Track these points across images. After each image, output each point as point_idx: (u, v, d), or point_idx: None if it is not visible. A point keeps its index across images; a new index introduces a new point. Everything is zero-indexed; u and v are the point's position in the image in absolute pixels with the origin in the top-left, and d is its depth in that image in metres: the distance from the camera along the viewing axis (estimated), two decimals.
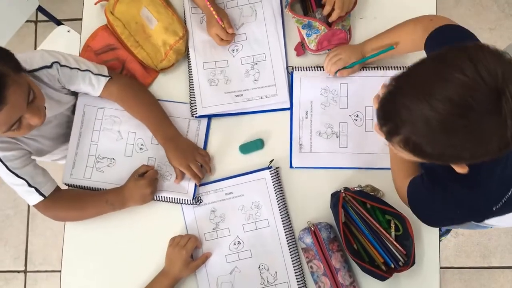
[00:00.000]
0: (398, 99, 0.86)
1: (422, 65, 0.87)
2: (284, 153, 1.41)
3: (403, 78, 0.88)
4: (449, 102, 0.78)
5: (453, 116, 0.78)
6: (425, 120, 0.80)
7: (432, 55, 0.88)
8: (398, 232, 1.30)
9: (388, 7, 1.41)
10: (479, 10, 2.33)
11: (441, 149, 0.84)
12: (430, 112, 0.79)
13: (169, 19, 1.42)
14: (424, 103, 0.80)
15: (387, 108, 0.89)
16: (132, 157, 1.43)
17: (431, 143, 0.84)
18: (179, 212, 1.41)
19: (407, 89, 0.85)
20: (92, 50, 1.46)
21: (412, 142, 0.85)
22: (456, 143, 0.81)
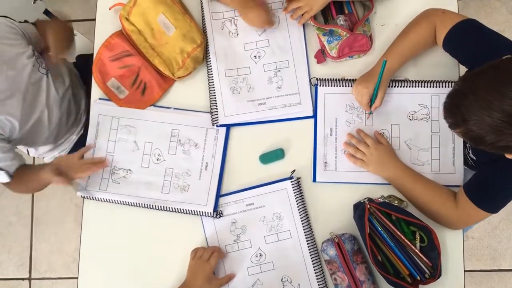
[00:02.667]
0: (461, 101, 0.98)
1: (485, 75, 0.97)
2: (306, 163, 1.38)
3: (468, 83, 0.99)
4: (503, 113, 0.92)
5: (505, 123, 0.92)
6: (482, 123, 0.95)
7: (493, 65, 0.98)
8: (423, 243, 1.28)
9: (409, 12, 1.37)
10: (487, 11, 2.31)
11: (495, 142, 0.97)
12: (487, 118, 0.93)
13: (187, 26, 1.37)
14: (483, 110, 0.94)
15: (451, 106, 1.02)
16: (149, 168, 1.40)
17: (486, 138, 0.97)
18: (199, 223, 1.38)
19: (470, 95, 0.96)
20: (106, 56, 1.42)
21: (470, 135, 1.00)
22: (509, 141, 0.95)
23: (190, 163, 1.39)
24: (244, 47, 1.43)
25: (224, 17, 1.45)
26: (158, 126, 1.41)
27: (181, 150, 1.40)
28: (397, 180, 1.32)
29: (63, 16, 1.54)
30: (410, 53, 1.34)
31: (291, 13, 1.40)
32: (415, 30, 1.32)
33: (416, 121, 1.37)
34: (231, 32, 1.44)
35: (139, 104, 1.42)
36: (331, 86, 1.39)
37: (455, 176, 1.35)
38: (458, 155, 1.35)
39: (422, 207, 1.31)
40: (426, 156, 1.36)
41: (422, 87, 1.37)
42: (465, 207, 1.23)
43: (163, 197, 1.38)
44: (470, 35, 1.24)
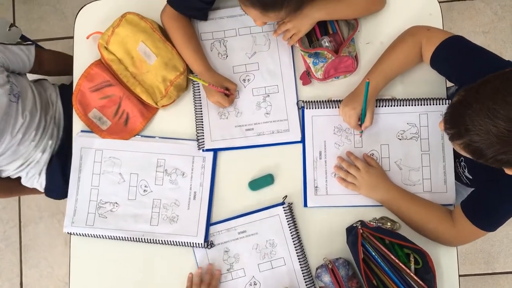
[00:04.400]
0: (465, 110, 0.95)
1: (489, 84, 0.95)
2: (296, 188, 1.36)
3: (472, 92, 0.96)
4: (510, 122, 0.90)
5: (511, 133, 0.90)
6: (487, 132, 0.92)
7: (497, 75, 0.96)
8: (418, 265, 1.26)
9: (393, 30, 1.35)
10: (472, 13, 2.30)
11: (497, 155, 0.94)
12: (492, 128, 0.91)
13: (169, 53, 1.34)
14: (488, 119, 0.91)
15: (454, 116, 0.99)
16: (136, 200, 1.36)
17: (488, 150, 0.94)
18: (191, 254, 1.35)
19: (474, 104, 0.94)
20: (86, 87, 1.38)
21: (472, 147, 0.97)
22: (509, 153, 0.93)
23: (178, 193, 1.36)
24: (233, 69, 1.40)
25: (213, 37, 1.41)
26: (143, 157, 1.37)
27: (168, 180, 1.37)
28: (390, 202, 1.30)
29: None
30: (395, 72, 1.32)
31: (281, 36, 1.37)
32: (400, 49, 1.30)
33: (405, 140, 1.35)
34: (220, 54, 1.41)
35: (122, 134, 1.38)
36: (317, 108, 1.36)
37: (447, 195, 1.33)
38: (449, 174, 1.33)
39: (418, 227, 1.29)
40: (417, 175, 1.34)
41: (410, 105, 1.35)
42: (462, 225, 1.22)
43: (152, 229, 1.35)
44: (458, 52, 1.23)
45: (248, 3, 1.13)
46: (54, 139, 1.56)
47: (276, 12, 1.13)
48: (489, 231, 1.20)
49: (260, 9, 1.13)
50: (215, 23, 1.40)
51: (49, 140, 1.54)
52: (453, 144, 1.03)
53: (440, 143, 1.34)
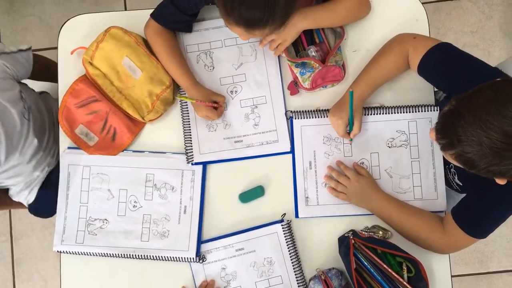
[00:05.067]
0: (457, 121, 0.94)
1: (481, 94, 0.94)
2: (287, 199, 1.35)
3: (464, 102, 0.95)
4: (503, 134, 0.89)
5: (505, 144, 0.89)
6: (479, 144, 0.91)
7: (489, 85, 0.95)
8: (411, 273, 1.26)
9: (380, 37, 1.34)
10: (459, 13, 2.30)
11: (489, 166, 0.93)
12: (485, 139, 0.90)
13: (154, 68, 1.32)
14: (481, 130, 0.90)
15: (446, 126, 0.98)
16: (126, 216, 1.35)
17: (481, 161, 0.93)
18: (188, 271, 1.34)
19: (467, 114, 0.93)
20: (72, 103, 1.36)
21: (464, 158, 0.96)
22: (504, 164, 0.92)
23: (168, 208, 1.35)
24: (220, 81, 1.39)
25: (199, 49, 1.40)
26: (132, 172, 1.36)
27: (157, 195, 1.36)
28: (381, 211, 1.30)
29: None
30: (381, 80, 1.31)
31: (267, 46, 1.36)
32: (387, 57, 1.30)
33: (395, 148, 1.35)
34: (207, 66, 1.39)
35: (110, 150, 1.37)
36: (306, 118, 1.36)
37: (437, 202, 1.33)
38: (440, 181, 1.33)
39: (410, 235, 1.29)
40: (408, 183, 1.34)
41: (398, 113, 1.34)
42: (453, 233, 1.22)
43: (143, 245, 1.34)
44: (445, 60, 1.22)
45: (232, 21, 1.12)
46: (54, 157, 1.55)
47: (260, 30, 1.12)
48: (479, 238, 1.20)
49: (244, 28, 1.12)
50: (200, 35, 1.39)
51: (51, 158, 1.53)
52: (444, 154, 1.02)
53: (430, 150, 1.33)
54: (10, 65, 1.33)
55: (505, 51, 2.27)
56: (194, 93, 1.33)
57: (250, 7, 1.06)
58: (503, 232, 2.19)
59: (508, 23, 2.28)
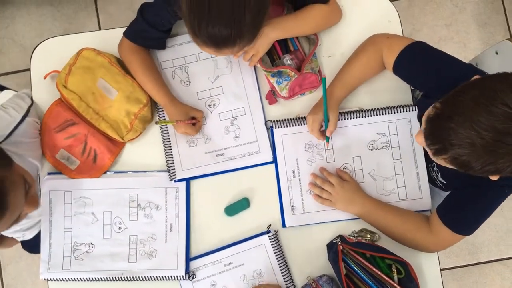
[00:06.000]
0: (446, 124, 0.93)
1: (466, 94, 0.93)
2: (272, 209, 1.35)
3: (450, 104, 0.94)
4: (495, 132, 0.87)
5: (498, 142, 0.88)
6: (473, 145, 0.90)
7: (472, 84, 0.94)
8: (401, 275, 1.26)
9: (353, 40, 1.35)
10: (433, 7, 2.31)
11: (485, 166, 0.92)
12: (478, 140, 0.89)
13: (130, 87, 1.31)
14: (471, 130, 0.89)
15: (435, 130, 0.96)
16: (112, 238, 1.34)
17: (476, 162, 0.92)
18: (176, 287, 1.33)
19: (454, 115, 0.92)
20: (50, 128, 1.34)
21: (459, 161, 0.94)
22: (500, 162, 0.91)
23: (154, 227, 1.34)
24: (197, 95, 1.38)
25: (174, 65, 1.38)
26: (115, 193, 1.35)
27: (142, 215, 1.34)
28: (367, 215, 1.30)
29: None
30: (357, 81, 1.32)
31: (241, 58, 1.35)
32: (361, 58, 1.31)
33: (376, 150, 1.35)
34: (183, 81, 1.38)
35: (92, 172, 1.35)
36: (286, 126, 1.35)
37: (422, 201, 1.34)
38: (423, 180, 1.34)
39: (397, 237, 1.29)
40: (392, 184, 1.34)
41: (377, 115, 1.34)
42: (439, 231, 1.23)
43: (131, 266, 1.32)
44: (419, 58, 1.23)
45: (200, 41, 1.11)
46: None
47: (229, 48, 1.12)
48: (466, 235, 1.21)
49: (213, 47, 1.11)
50: (174, 51, 1.38)
51: None
52: (437, 159, 1.01)
53: (411, 150, 1.34)
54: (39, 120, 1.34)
55: (481, 42, 2.29)
56: (172, 110, 1.32)
57: (216, 26, 1.06)
58: (491, 222, 2.21)
59: (481, 14, 2.31)
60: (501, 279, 2.20)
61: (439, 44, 2.27)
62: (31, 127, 1.31)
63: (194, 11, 1.06)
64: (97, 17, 2.32)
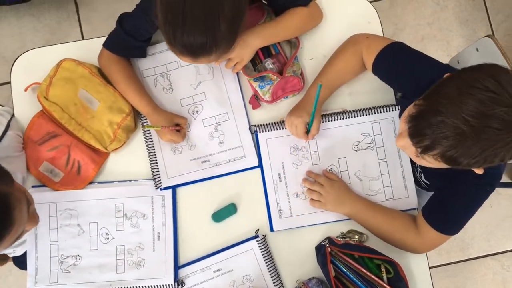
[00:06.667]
0: (434, 118, 0.91)
1: (449, 86, 0.93)
2: (260, 214, 1.34)
3: (434, 98, 0.94)
4: (482, 116, 0.86)
5: (486, 127, 0.87)
6: (462, 133, 0.88)
7: (452, 76, 0.95)
8: (390, 274, 1.26)
9: (335, 42, 1.35)
10: (414, 6, 2.33)
11: (475, 158, 0.91)
12: (466, 127, 0.87)
13: (112, 97, 1.30)
14: (460, 119, 0.88)
15: (421, 127, 0.94)
16: (99, 250, 1.32)
17: (466, 155, 0.91)
18: None
19: (441, 108, 0.90)
20: (33, 141, 1.33)
21: (448, 155, 0.92)
22: (490, 151, 0.89)
23: (141, 236, 1.33)
24: (180, 102, 1.37)
25: (155, 72, 1.38)
26: (100, 204, 1.33)
27: (129, 225, 1.33)
28: (357, 214, 1.30)
29: None
30: (338, 82, 1.32)
31: (224, 62, 1.35)
32: (341, 58, 1.31)
33: (361, 151, 1.35)
34: (165, 88, 1.38)
35: (76, 184, 1.34)
36: (270, 130, 1.35)
37: (409, 199, 1.34)
38: (409, 178, 1.34)
39: (385, 237, 1.29)
40: (378, 184, 1.34)
41: (361, 116, 1.35)
42: (426, 233, 1.23)
43: (119, 277, 1.31)
44: (398, 59, 1.24)
45: (176, 50, 1.11)
46: None
47: (206, 56, 1.11)
48: (451, 234, 1.22)
49: (189, 56, 1.11)
50: (155, 58, 1.37)
51: None
52: (422, 158, 1.00)
53: (396, 149, 1.34)
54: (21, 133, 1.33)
55: (463, 39, 2.31)
56: (156, 118, 1.31)
57: (191, 35, 1.05)
58: (481, 217, 2.22)
59: (463, 11, 2.33)
60: (493, 274, 2.22)
61: (422, 43, 2.28)
62: (14, 140, 1.29)
63: (169, 20, 1.06)
64: (80, 27, 2.31)
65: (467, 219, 1.19)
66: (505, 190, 2.21)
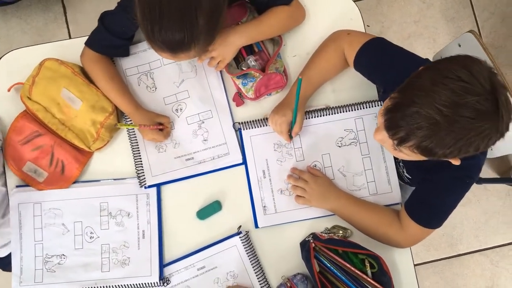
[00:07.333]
0: (409, 109, 0.93)
1: (423, 77, 0.94)
2: (244, 211, 1.35)
3: (409, 90, 0.95)
4: (455, 105, 0.88)
5: (459, 117, 0.88)
6: (436, 123, 0.89)
7: (427, 68, 0.97)
8: (374, 269, 1.27)
9: (317, 39, 1.36)
10: (400, 4, 2.34)
11: (449, 148, 0.92)
12: (440, 117, 0.89)
13: (94, 96, 1.30)
14: (434, 109, 0.89)
15: (396, 119, 0.96)
16: (84, 249, 1.33)
17: (440, 145, 0.92)
18: None
19: (416, 98, 0.92)
20: (16, 140, 1.33)
21: (423, 146, 0.93)
22: (464, 140, 0.90)
23: (126, 235, 1.33)
24: (164, 101, 1.37)
25: (139, 71, 1.38)
26: (85, 203, 1.34)
27: (114, 223, 1.33)
28: (341, 209, 1.31)
29: None
30: (321, 79, 1.33)
31: (206, 60, 1.35)
32: (323, 56, 1.31)
33: (345, 147, 1.36)
34: (149, 87, 1.38)
35: (60, 183, 1.34)
36: (254, 128, 1.36)
37: (392, 194, 1.35)
38: (392, 173, 1.35)
39: (369, 232, 1.30)
40: (361, 180, 1.35)
41: (344, 112, 1.35)
42: (409, 227, 1.24)
43: (104, 276, 1.31)
44: (379, 54, 1.24)
45: (156, 47, 1.11)
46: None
47: (185, 52, 1.12)
48: (434, 228, 1.22)
49: (169, 52, 1.11)
50: (138, 57, 1.37)
51: None
52: (399, 151, 1.01)
53: (379, 144, 1.35)
54: None
55: (449, 37, 2.32)
56: (138, 118, 1.31)
57: (169, 31, 1.06)
58: (469, 213, 2.24)
59: (449, 9, 2.34)
60: (481, 270, 2.23)
61: (408, 41, 2.30)
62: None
63: (147, 17, 1.06)
64: (67, 28, 2.31)
65: (449, 212, 1.19)
66: (493, 186, 2.22)
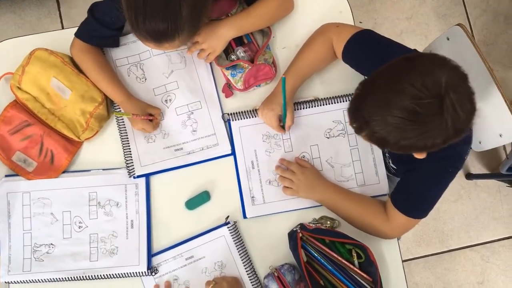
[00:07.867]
0: (362, 104, 0.99)
1: (381, 76, 0.99)
2: (233, 201, 1.36)
3: (368, 85, 1.01)
4: (404, 110, 0.92)
5: (406, 120, 0.92)
6: (385, 122, 0.95)
7: (388, 66, 0.99)
8: (361, 259, 1.28)
9: (307, 31, 1.36)
10: (393, 1, 2.35)
11: (398, 143, 0.97)
12: (388, 117, 0.94)
13: (84, 86, 1.31)
14: (382, 110, 0.94)
15: (353, 109, 1.02)
16: (72, 238, 1.33)
17: (390, 138, 0.97)
18: (139, 284, 1.32)
19: (368, 96, 0.99)
20: (5, 130, 1.33)
21: (374, 137, 1.00)
22: (409, 139, 0.95)
23: (115, 224, 1.33)
24: (153, 92, 1.38)
25: (128, 62, 1.39)
26: (74, 192, 1.34)
27: (102, 213, 1.34)
28: (328, 200, 1.31)
29: None
30: (309, 70, 1.34)
31: (196, 53, 1.36)
32: (312, 48, 1.32)
33: (333, 138, 1.37)
34: (138, 78, 1.39)
35: (49, 173, 1.34)
36: (243, 119, 1.37)
37: (380, 185, 1.36)
38: (379, 165, 1.36)
39: (356, 223, 1.31)
40: (349, 171, 1.36)
41: (333, 103, 1.36)
42: (395, 217, 1.24)
43: (92, 265, 1.32)
44: (367, 46, 1.25)
45: (140, 36, 1.12)
46: None
47: (169, 42, 1.12)
48: (419, 218, 1.23)
49: (153, 41, 1.12)
50: (128, 48, 1.38)
51: None
52: (359, 136, 1.05)
53: None
54: None
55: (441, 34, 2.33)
56: (129, 107, 1.32)
57: (153, 21, 1.06)
58: (459, 209, 2.25)
59: (441, 5, 2.35)
60: (472, 265, 2.24)
61: (400, 37, 2.31)
62: None
63: (131, 6, 1.07)
64: (61, 23, 2.32)
65: (434, 201, 1.20)
66: (483, 182, 2.23)
